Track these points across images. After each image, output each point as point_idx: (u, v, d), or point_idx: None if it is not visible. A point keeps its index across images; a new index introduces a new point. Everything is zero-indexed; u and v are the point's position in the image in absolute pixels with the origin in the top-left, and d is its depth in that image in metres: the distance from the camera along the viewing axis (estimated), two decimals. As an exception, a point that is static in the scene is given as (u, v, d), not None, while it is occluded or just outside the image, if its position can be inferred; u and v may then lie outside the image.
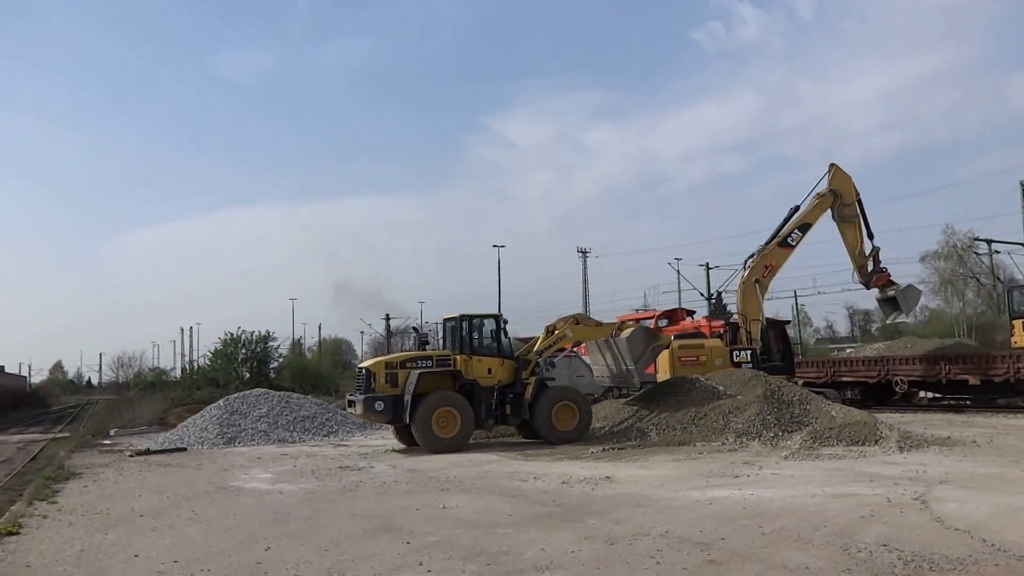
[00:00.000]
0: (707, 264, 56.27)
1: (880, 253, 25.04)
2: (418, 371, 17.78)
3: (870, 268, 24.91)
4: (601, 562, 7.03)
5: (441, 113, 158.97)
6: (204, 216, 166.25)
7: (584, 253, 71.66)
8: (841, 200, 24.64)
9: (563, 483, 11.96)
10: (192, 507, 11.03)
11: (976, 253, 48.87)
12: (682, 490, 10.87)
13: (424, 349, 19.59)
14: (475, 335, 18.70)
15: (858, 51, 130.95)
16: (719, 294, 44.09)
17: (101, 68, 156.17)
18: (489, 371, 18.45)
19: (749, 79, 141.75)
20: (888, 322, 28.44)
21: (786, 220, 24.92)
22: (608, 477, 12.35)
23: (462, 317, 18.82)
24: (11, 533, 9.28)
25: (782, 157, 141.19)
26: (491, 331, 18.95)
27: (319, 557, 7.61)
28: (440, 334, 24.76)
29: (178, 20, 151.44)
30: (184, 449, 20.21)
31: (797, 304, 60.79)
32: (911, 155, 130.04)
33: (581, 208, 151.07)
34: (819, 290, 69.41)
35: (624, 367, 19.69)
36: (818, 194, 24.82)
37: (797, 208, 24.88)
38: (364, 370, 18.49)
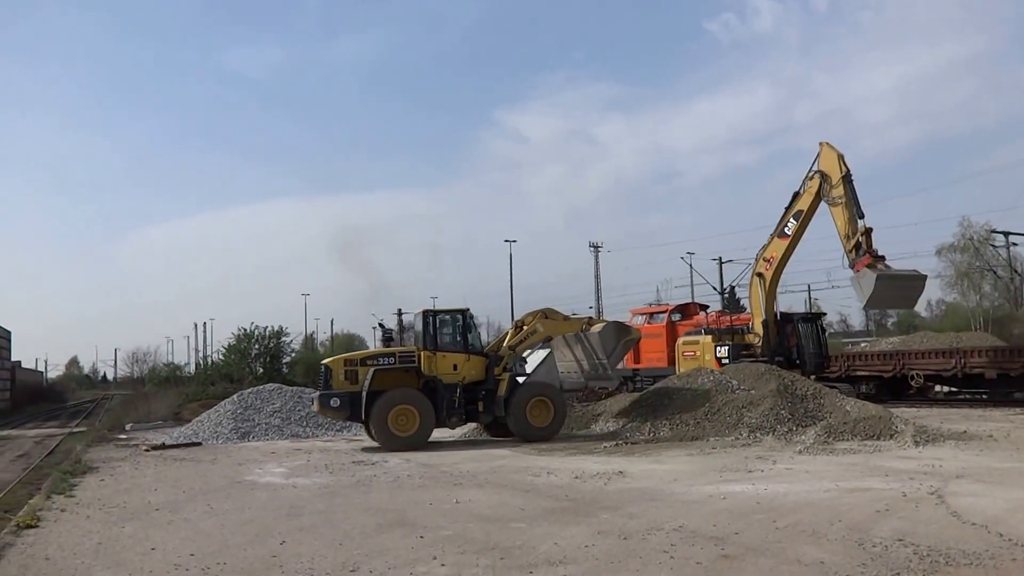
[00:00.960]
0: (720, 258, 56.11)
1: (873, 234, 21.51)
2: (373, 368, 17.78)
3: (856, 251, 21.48)
4: (615, 556, 7.02)
5: (452, 108, 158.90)
6: (217, 212, 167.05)
7: (596, 248, 71.67)
8: (828, 182, 22.12)
9: (576, 478, 11.97)
10: (207, 501, 11.12)
11: (993, 245, 48.39)
12: (695, 485, 10.86)
13: (388, 345, 19.47)
14: (440, 331, 18.34)
15: (875, 42, 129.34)
16: (732, 288, 44.03)
17: (112, 65, 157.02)
18: (454, 367, 18.11)
19: (764, 71, 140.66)
20: (863, 307, 25.02)
21: (787, 209, 23.58)
22: (621, 472, 12.34)
23: (426, 313, 18.53)
24: (30, 526, 9.39)
25: (798, 150, 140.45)
26: (458, 327, 18.62)
27: (334, 551, 7.65)
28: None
29: (188, 16, 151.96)
30: (199, 444, 20.36)
31: (811, 298, 60.40)
32: (928, 147, 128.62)
33: (593, 202, 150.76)
34: (833, 284, 69.02)
35: (596, 361, 19.67)
36: (807, 178, 22.95)
37: (797, 194, 23.35)
38: (324, 367, 18.49)
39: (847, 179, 21.74)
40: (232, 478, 13.57)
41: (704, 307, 33.74)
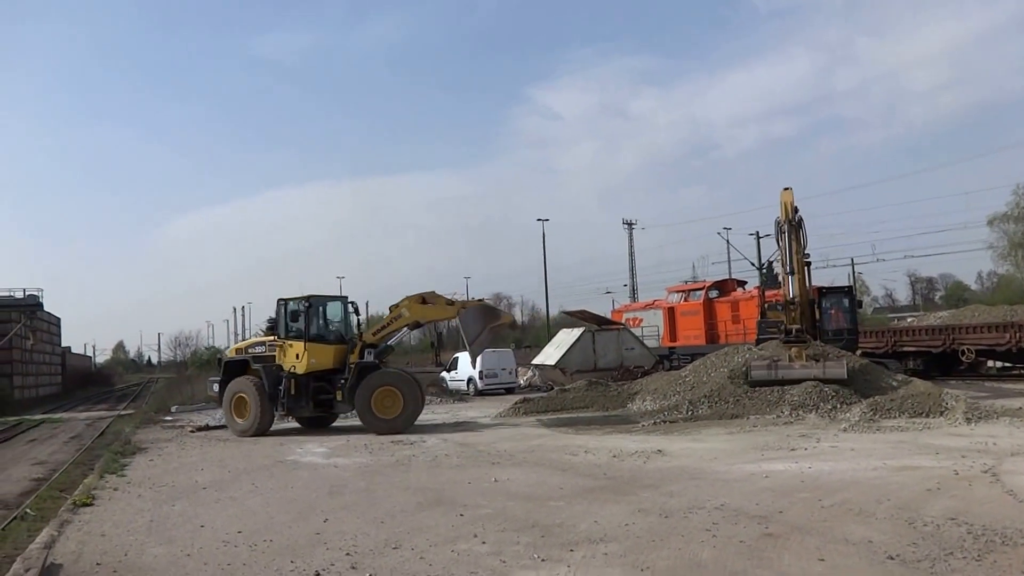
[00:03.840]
0: (757, 233, 54.92)
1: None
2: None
3: None
4: (656, 535, 6.96)
5: (483, 86, 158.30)
6: (253, 197, 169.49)
7: (630, 225, 70.97)
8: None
9: (614, 456, 11.91)
10: (252, 480, 11.32)
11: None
12: (736, 463, 10.72)
13: (270, 333, 18.93)
14: (288, 320, 17.99)
15: (923, 3, 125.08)
16: (770, 263, 43.20)
17: (146, 55, 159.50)
18: (296, 356, 17.70)
19: (804, 38, 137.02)
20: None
21: None
22: (660, 450, 12.25)
23: (279, 301, 18.22)
24: (86, 504, 9.69)
25: (839, 118, 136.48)
26: (315, 315, 18.19)
27: (375, 528, 7.72)
28: None
29: (217, 3, 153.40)
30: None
31: (854, 272, 58.93)
32: (981, 112, 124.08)
33: (627, 179, 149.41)
34: (878, 257, 67.43)
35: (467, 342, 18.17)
36: None
37: None
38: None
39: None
40: (274, 458, 13.79)
41: (742, 283, 33.22)
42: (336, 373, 17.69)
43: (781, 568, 5.84)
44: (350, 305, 18.98)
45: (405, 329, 18.28)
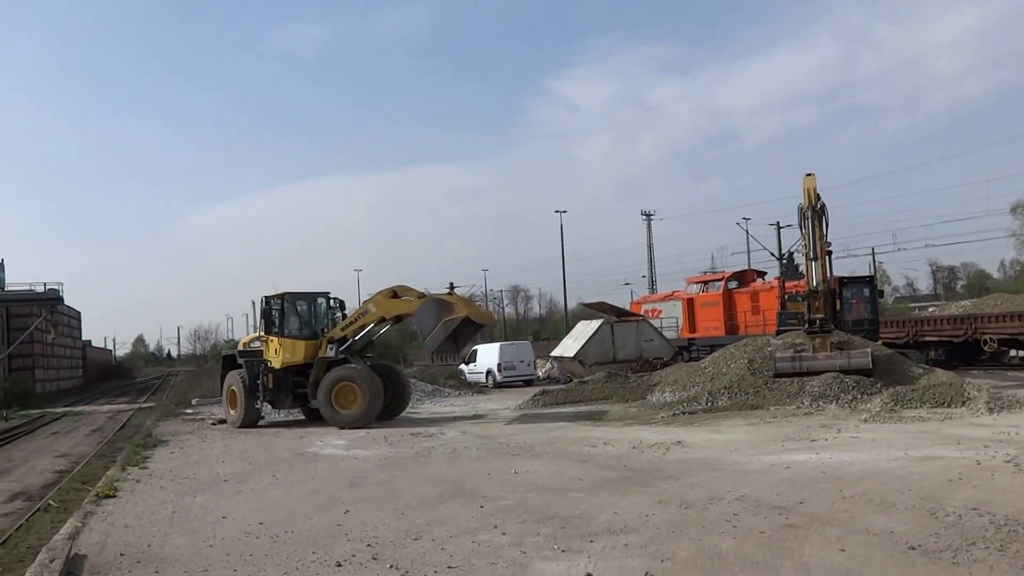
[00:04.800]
0: (778, 223, 54.36)
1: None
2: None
3: None
4: (676, 526, 6.95)
5: (500, 77, 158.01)
6: (271, 190, 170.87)
7: (648, 216, 70.59)
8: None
9: (633, 448, 11.89)
10: (273, 472, 11.42)
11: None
12: (757, 454, 10.67)
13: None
14: (268, 316, 18.67)
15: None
16: (791, 254, 42.87)
17: (168, 47, 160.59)
18: (275, 351, 18.40)
19: (826, 24, 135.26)
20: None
21: None
22: (679, 442, 12.22)
23: (262, 299, 19.06)
24: (108, 496, 9.83)
25: (861, 106, 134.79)
26: (292, 311, 18.79)
27: (396, 520, 7.76)
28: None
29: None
30: (261, 417, 20.88)
31: (875, 261, 58.29)
32: (1006, 98, 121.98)
33: (646, 169, 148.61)
34: (899, 246, 66.65)
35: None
36: None
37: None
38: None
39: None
40: (295, 450, 13.90)
41: (762, 274, 33.01)
42: (312, 368, 18.22)
43: (802, 559, 5.81)
44: (332, 301, 19.47)
45: (387, 325, 18.63)
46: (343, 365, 17.67)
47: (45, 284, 42.63)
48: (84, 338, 66.43)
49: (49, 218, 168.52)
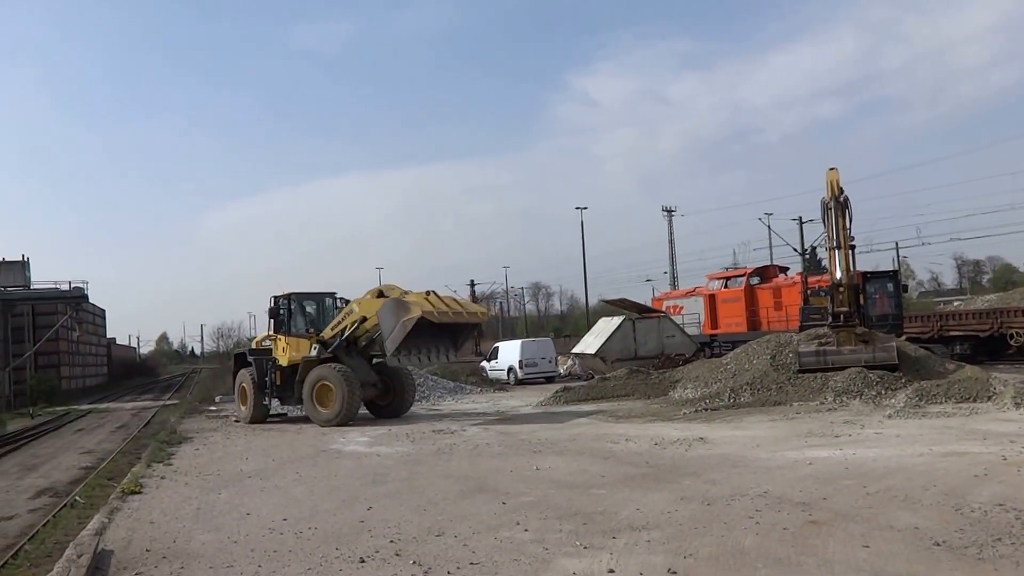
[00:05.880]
0: (800, 218, 54.02)
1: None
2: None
3: None
4: (699, 522, 6.93)
5: (521, 73, 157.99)
6: (294, 188, 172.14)
7: (670, 212, 70.36)
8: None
9: (655, 444, 11.87)
10: (296, 469, 11.52)
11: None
12: (779, 450, 10.61)
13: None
14: (277, 315, 19.27)
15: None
16: (813, 249, 42.51)
17: (190, 49, 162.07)
18: (283, 350, 18.99)
19: (849, 17, 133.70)
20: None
21: None
22: (702, 438, 12.17)
23: (270, 299, 19.53)
24: (134, 492, 9.97)
25: (885, 99, 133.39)
26: (296, 311, 19.33)
27: (419, 516, 7.81)
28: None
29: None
30: (284, 414, 21.09)
31: (899, 256, 57.68)
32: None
33: (667, 165, 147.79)
34: (923, 240, 65.91)
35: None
36: None
37: None
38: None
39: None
40: (318, 447, 14.02)
41: (784, 269, 32.74)
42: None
43: (825, 555, 5.78)
44: (338, 301, 19.80)
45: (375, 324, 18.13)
46: (324, 364, 17.97)
47: (70, 282, 43.19)
48: (109, 336, 67.34)
49: (75, 218, 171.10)
